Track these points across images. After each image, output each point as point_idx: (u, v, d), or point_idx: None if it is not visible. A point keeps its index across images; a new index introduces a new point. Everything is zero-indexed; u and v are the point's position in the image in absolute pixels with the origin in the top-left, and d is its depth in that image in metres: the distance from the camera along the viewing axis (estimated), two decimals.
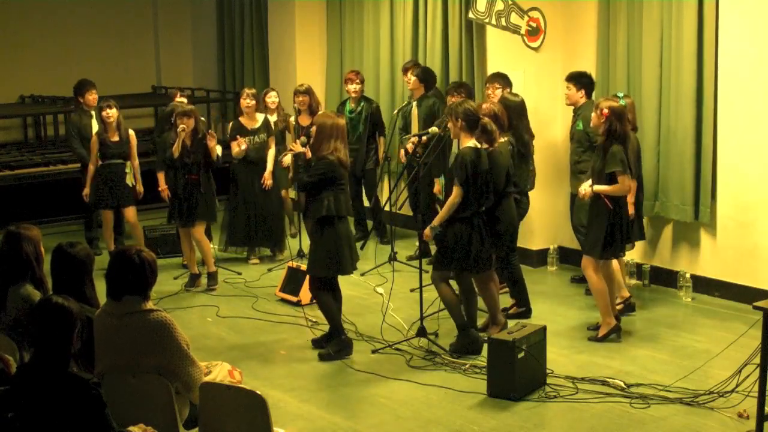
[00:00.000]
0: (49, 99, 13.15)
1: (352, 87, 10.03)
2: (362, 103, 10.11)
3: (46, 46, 13.47)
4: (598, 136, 7.23)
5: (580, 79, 8.31)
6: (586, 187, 7.15)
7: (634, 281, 8.66)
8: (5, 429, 3.98)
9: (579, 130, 8.19)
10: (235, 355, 7.14)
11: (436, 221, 7.07)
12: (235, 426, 4.47)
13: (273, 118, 9.86)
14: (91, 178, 9.48)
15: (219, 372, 5.13)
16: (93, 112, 10.02)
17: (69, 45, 13.63)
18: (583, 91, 8.29)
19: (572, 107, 8.45)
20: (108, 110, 9.30)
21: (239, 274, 9.36)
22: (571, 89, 8.31)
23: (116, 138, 9.37)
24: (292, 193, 9.81)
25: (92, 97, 10.05)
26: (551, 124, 9.24)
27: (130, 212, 9.50)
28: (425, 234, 7.17)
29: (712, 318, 7.88)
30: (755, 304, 5.56)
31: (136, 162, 9.54)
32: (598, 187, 7.09)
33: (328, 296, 7.13)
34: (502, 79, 8.51)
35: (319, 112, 7.42)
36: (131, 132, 9.52)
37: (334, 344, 7.13)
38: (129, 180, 9.45)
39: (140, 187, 9.51)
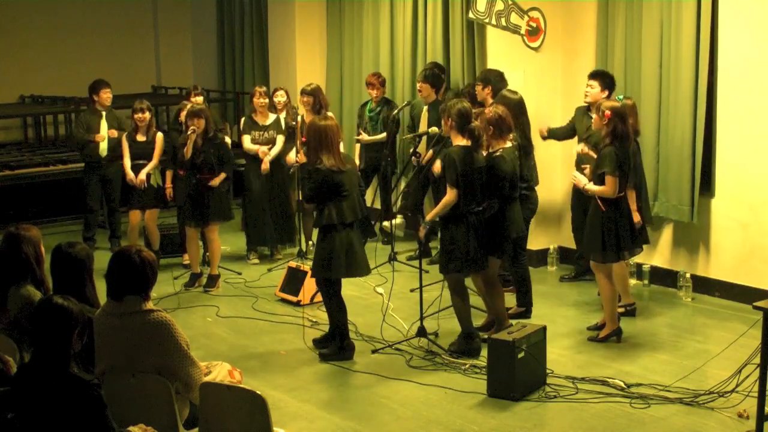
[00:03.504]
0: (49, 99, 13.15)
1: (370, 91, 10.03)
2: (382, 105, 10.10)
3: (46, 46, 13.48)
4: (601, 138, 7.19)
5: (604, 78, 8.11)
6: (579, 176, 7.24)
7: (634, 281, 8.64)
8: (5, 429, 3.98)
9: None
10: (235, 355, 7.15)
11: (428, 217, 7.13)
12: (235, 426, 4.47)
13: (282, 116, 9.88)
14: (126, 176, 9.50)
15: (219, 372, 5.13)
16: (104, 112, 10.11)
17: (69, 45, 13.64)
18: (607, 92, 8.05)
19: (575, 107, 8.41)
20: (141, 114, 9.38)
21: (239, 274, 9.36)
22: (595, 87, 8.06)
23: (143, 138, 9.44)
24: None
25: (106, 96, 10.14)
26: (551, 124, 9.21)
27: (150, 215, 9.46)
28: (419, 232, 7.25)
29: (712, 318, 7.88)
30: (755, 304, 5.56)
31: (154, 162, 9.44)
32: (590, 187, 7.11)
33: (337, 300, 7.11)
34: (487, 80, 8.49)
35: (311, 118, 7.40)
36: (159, 134, 9.54)
37: (336, 346, 7.13)
38: (153, 181, 9.45)
39: (168, 186, 9.42)
